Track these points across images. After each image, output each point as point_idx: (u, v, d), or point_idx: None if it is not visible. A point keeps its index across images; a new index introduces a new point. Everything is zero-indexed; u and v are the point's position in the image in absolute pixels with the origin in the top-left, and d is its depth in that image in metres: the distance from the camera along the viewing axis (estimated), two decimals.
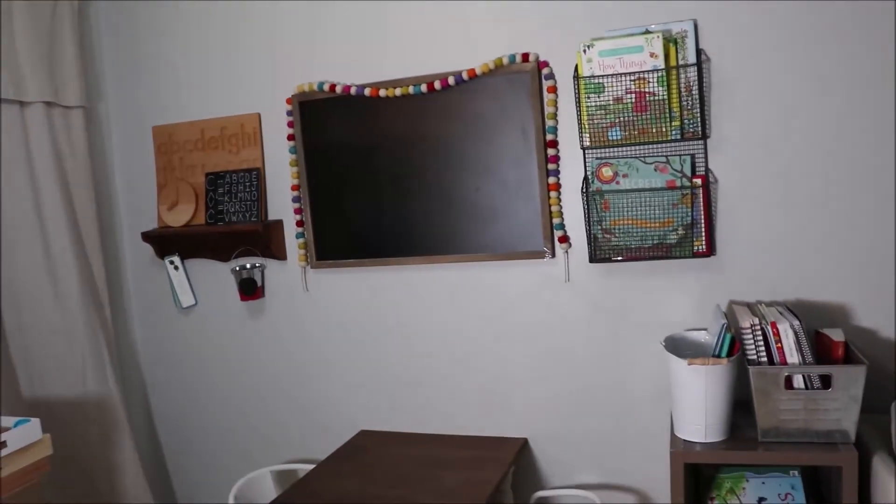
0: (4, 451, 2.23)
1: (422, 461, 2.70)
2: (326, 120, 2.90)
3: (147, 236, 3.19)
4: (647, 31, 2.43)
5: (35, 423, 2.35)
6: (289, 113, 2.94)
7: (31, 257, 2.91)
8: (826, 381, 2.10)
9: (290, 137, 2.95)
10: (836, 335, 2.19)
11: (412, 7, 2.75)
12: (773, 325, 2.14)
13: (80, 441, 3.03)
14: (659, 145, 2.48)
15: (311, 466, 2.75)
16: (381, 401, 3.03)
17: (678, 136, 2.45)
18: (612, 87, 2.47)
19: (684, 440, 2.24)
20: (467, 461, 2.65)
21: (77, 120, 3.06)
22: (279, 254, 3.04)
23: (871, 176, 2.34)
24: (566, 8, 2.57)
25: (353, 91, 2.80)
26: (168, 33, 3.15)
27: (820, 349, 2.23)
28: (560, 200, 2.64)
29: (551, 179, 2.62)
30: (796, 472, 2.29)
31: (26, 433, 2.32)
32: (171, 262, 3.22)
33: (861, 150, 2.33)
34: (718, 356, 2.17)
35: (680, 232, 2.48)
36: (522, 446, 2.79)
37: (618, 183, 2.51)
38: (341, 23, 2.86)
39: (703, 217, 2.46)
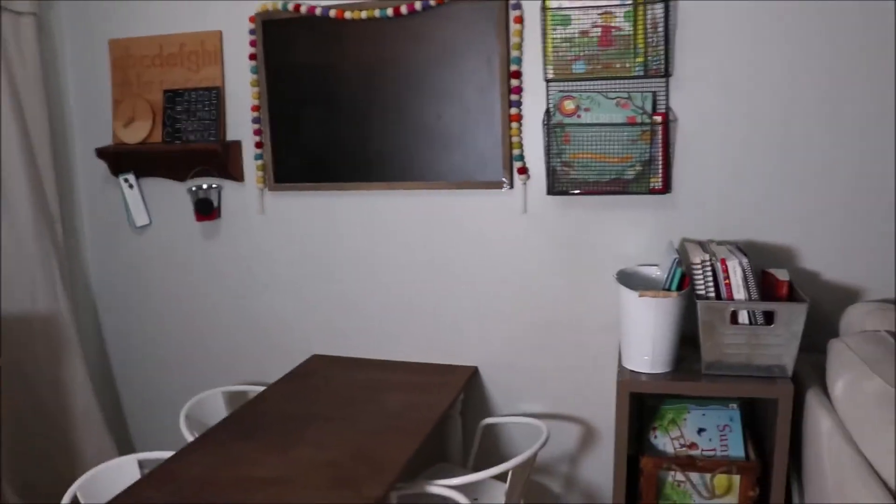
0: None
1: (372, 385, 2.74)
2: (290, 40, 2.85)
3: (101, 153, 3.12)
4: None
5: None
6: (251, 31, 2.87)
7: None
8: (769, 318, 2.17)
9: (252, 57, 2.89)
10: (782, 275, 2.25)
11: None
12: (723, 261, 2.19)
13: (29, 358, 3.01)
14: (622, 81, 2.49)
15: (263, 388, 2.77)
16: (335, 326, 3.05)
17: (641, 73, 2.46)
18: (579, 19, 2.47)
19: (631, 370, 2.30)
20: (417, 386, 2.70)
21: (28, 27, 2.95)
22: (237, 175, 3.01)
23: (827, 123, 2.38)
24: None
25: (317, 11, 2.75)
26: None
27: (765, 287, 2.30)
28: (521, 132, 2.64)
29: (513, 110, 2.62)
30: (735, 406, 2.38)
31: None
32: (126, 181, 3.16)
33: (820, 98, 2.37)
34: (669, 290, 2.22)
35: (638, 168, 2.51)
36: (472, 374, 2.84)
37: (579, 117, 2.52)
38: None
39: (661, 154, 2.49)
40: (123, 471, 2.27)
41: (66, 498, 2.10)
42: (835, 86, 2.35)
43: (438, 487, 2.17)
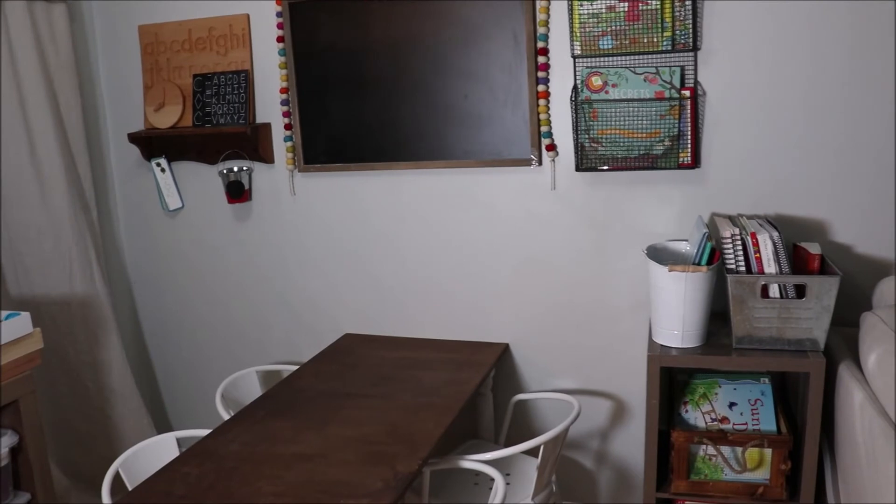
0: None
1: (404, 363, 2.77)
2: (317, 22, 2.86)
3: (133, 137, 3.16)
4: None
5: (25, 316, 2.39)
6: (279, 14, 2.89)
7: (16, 155, 2.90)
8: (801, 291, 2.16)
9: (280, 39, 2.91)
10: (813, 248, 2.24)
11: None
12: (753, 235, 2.19)
13: (67, 339, 3.07)
14: (649, 56, 2.48)
15: (296, 367, 2.81)
16: (366, 305, 3.08)
17: (669, 48, 2.45)
18: None
19: (661, 345, 2.30)
20: (449, 364, 2.72)
21: (60, 15, 2.99)
22: (267, 157, 3.04)
23: (857, 96, 2.35)
24: None
25: None
26: None
27: (796, 261, 2.29)
28: (549, 108, 2.64)
29: (541, 87, 2.61)
30: (766, 380, 2.38)
31: (17, 326, 2.36)
32: (158, 165, 3.21)
33: (849, 69, 2.34)
34: (698, 264, 2.22)
35: (666, 143, 2.50)
36: (503, 351, 2.86)
37: (607, 92, 2.51)
38: None
39: (689, 129, 2.48)
40: (163, 448, 2.32)
41: (110, 474, 2.15)
42: (864, 57, 2.32)
43: (471, 462, 2.20)
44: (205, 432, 2.29)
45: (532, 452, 2.32)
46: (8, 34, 2.83)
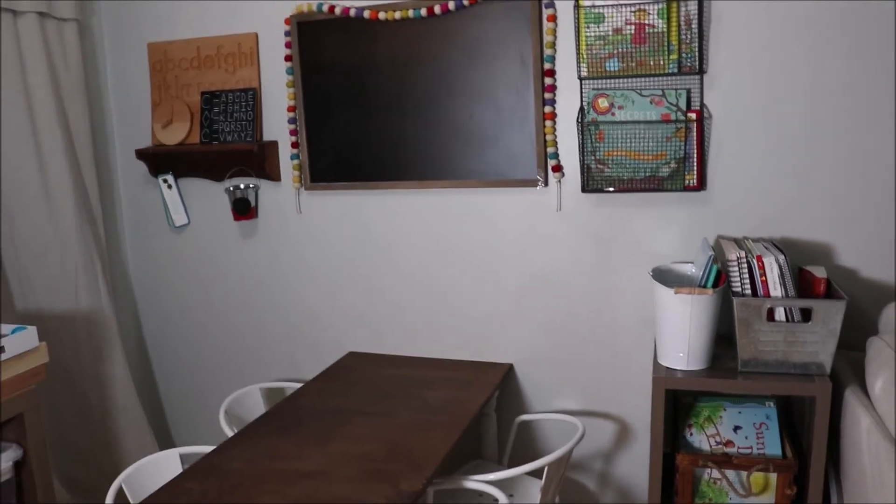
0: (3, 356, 2.28)
1: (408, 381, 2.77)
2: (324, 41, 2.88)
3: (141, 154, 3.18)
4: None
5: (32, 330, 2.40)
6: (287, 33, 2.92)
7: (25, 170, 2.91)
8: (806, 315, 2.16)
9: (288, 58, 2.93)
10: (819, 272, 2.24)
11: None
12: (759, 258, 2.19)
13: (72, 353, 3.07)
14: (656, 78, 2.49)
15: (300, 385, 2.81)
16: (370, 323, 3.08)
17: (675, 70, 2.46)
18: (613, 17, 2.48)
19: (667, 367, 2.30)
20: (452, 383, 2.72)
21: (71, 33, 3.02)
22: (273, 175, 3.05)
23: (863, 120, 2.36)
24: None
25: (352, 13, 2.78)
26: None
27: (802, 285, 2.29)
28: (555, 130, 2.65)
29: (547, 108, 2.63)
30: (772, 403, 2.37)
31: (23, 340, 2.37)
32: (165, 181, 3.22)
33: (855, 94, 2.35)
34: (704, 286, 2.22)
35: (672, 165, 2.51)
36: (507, 371, 2.85)
37: (613, 114, 2.53)
38: None
39: (695, 151, 2.49)
40: (166, 464, 2.32)
41: (114, 489, 2.15)
42: (870, 82, 2.33)
43: (475, 483, 2.18)
44: (208, 449, 2.28)
45: (536, 473, 2.31)
46: (20, 50, 2.85)
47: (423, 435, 2.29)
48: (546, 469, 2.24)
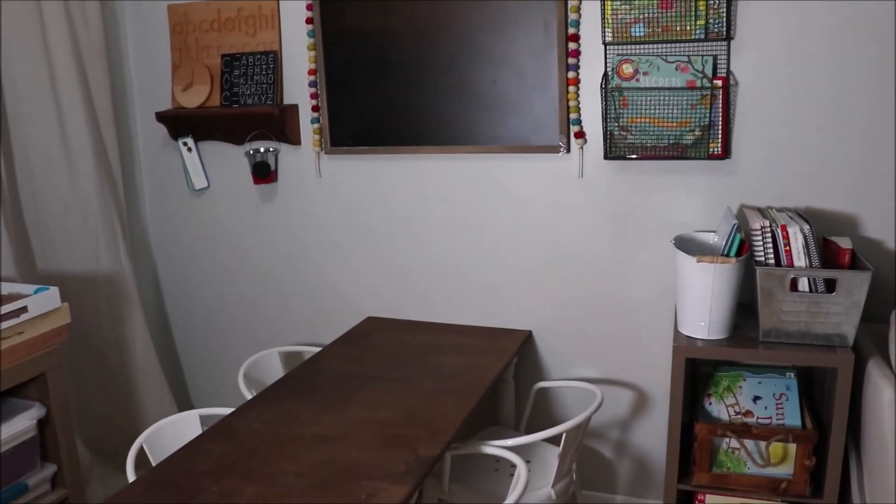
0: (25, 316, 2.30)
1: (426, 347, 2.77)
2: (346, 5, 2.85)
3: (161, 116, 3.17)
4: None
5: (54, 291, 2.42)
6: None
7: (46, 131, 2.91)
8: (830, 286, 2.13)
9: (309, 21, 2.90)
10: (844, 242, 2.22)
11: None
12: (784, 227, 2.16)
13: (92, 314, 3.10)
14: (682, 44, 2.45)
15: (318, 349, 2.82)
16: (389, 288, 3.08)
17: (702, 36, 2.42)
18: None
19: (687, 336, 2.29)
20: (471, 349, 2.72)
21: None
22: (293, 138, 3.04)
23: (890, 90, 2.31)
24: None
25: None
26: None
27: (827, 255, 2.26)
28: (578, 95, 2.62)
29: (570, 74, 2.59)
30: (792, 374, 2.35)
31: (46, 300, 2.39)
32: (185, 144, 3.22)
33: (885, 62, 2.30)
34: (727, 255, 2.19)
35: (697, 133, 2.47)
36: (526, 338, 2.85)
37: (638, 80, 2.49)
38: None
39: (720, 119, 2.45)
40: (186, 425, 2.34)
41: (134, 449, 2.17)
42: None
43: (493, 448, 2.19)
44: (227, 411, 2.30)
45: (553, 440, 2.31)
46: (41, 13, 2.83)
47: (440, 401, 2.29)
48: (564, 436, 2.24)
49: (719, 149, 2.47)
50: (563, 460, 2.32)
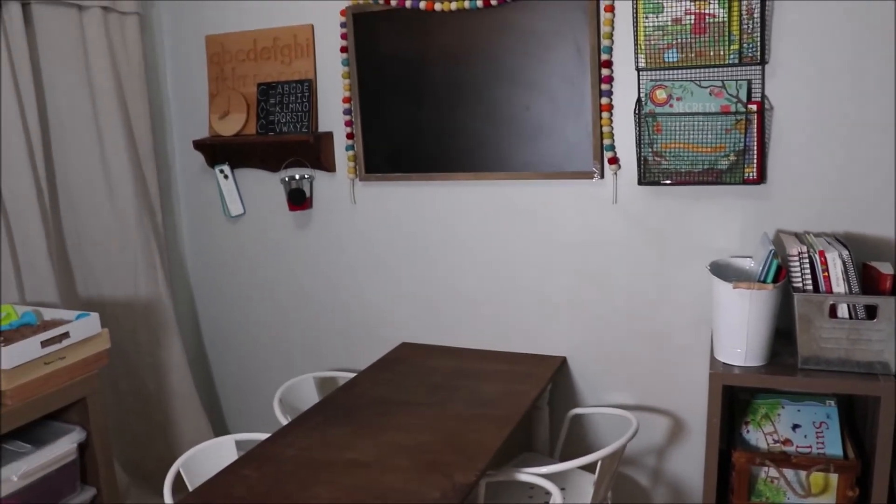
0: (67, 342, 2.34)
1: (460, 373, 2.77)
2: (380, 33, 2.89)
3: (198, 144, 3.23)
4: None
5: (95, 317, 2.46)
6: (342, 25, 2.93)
7: (88, 161, 2.98)
8: (871, 312, 2.10)
9: (343, 49, 2.95)
10: (885, 268, 2.18)
11: None
12: (822, 253, 2.14)
13: (131, 340, 3.14)
14: (716, 69, 2.45)
15: (353, 375, 2.83)
16: (423, 314, 3.09)
17: (736, 61, 2.41)
18: (672, 7, 2.44)
19: (724, 363, 2.26)
20: (506, 375, 2.71)
21: (132, 26, 3.08)
22: (328, 165, 3.07)
23: None
24: None
25: (407, 4, 2.78)
26: None
27: (867, 281, 2.22)
28: (612, 121, 2.62)
29: (604, 100, 2.60)
30: (832, 402, 2.31)
31: (87, 326, 2.43)
32: (221, 171, 3.27)
33: None
34: (764, 281, 2.17)
35: (732, 158, 2.46)
36: (561, 364, 2.84)
37: (671, 106, 2.49)
38: None
39: (756, 144, 2.44)
40: (222, 450, 2.36)
41: (172, 473, 2.19)
42: None
43: (528, 475, 2.18)
44: (263, 436, 2.31)
45: (588, 468, 2.29)
46: (84, 43, 2.91)
47: (475, 427, 2.29)
48: (599, 463, 2.22)
49: (755, 173, 2.46)
50: (599, 488, 2.30)
